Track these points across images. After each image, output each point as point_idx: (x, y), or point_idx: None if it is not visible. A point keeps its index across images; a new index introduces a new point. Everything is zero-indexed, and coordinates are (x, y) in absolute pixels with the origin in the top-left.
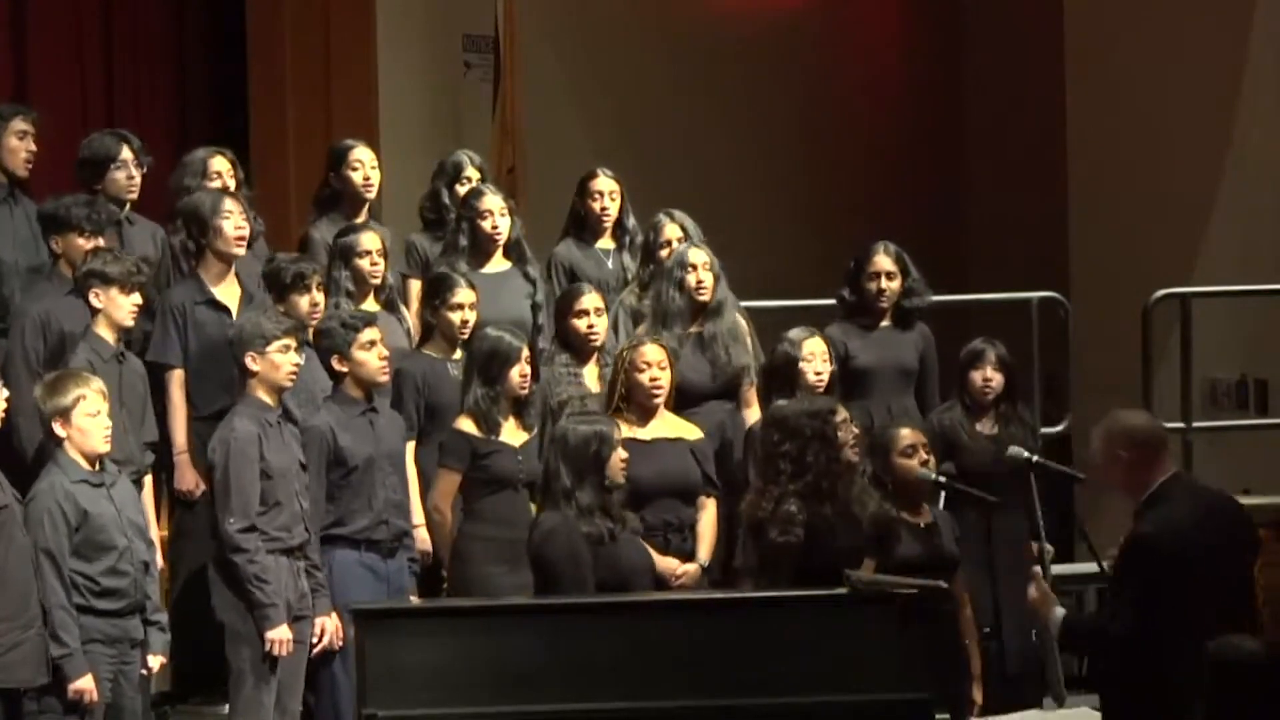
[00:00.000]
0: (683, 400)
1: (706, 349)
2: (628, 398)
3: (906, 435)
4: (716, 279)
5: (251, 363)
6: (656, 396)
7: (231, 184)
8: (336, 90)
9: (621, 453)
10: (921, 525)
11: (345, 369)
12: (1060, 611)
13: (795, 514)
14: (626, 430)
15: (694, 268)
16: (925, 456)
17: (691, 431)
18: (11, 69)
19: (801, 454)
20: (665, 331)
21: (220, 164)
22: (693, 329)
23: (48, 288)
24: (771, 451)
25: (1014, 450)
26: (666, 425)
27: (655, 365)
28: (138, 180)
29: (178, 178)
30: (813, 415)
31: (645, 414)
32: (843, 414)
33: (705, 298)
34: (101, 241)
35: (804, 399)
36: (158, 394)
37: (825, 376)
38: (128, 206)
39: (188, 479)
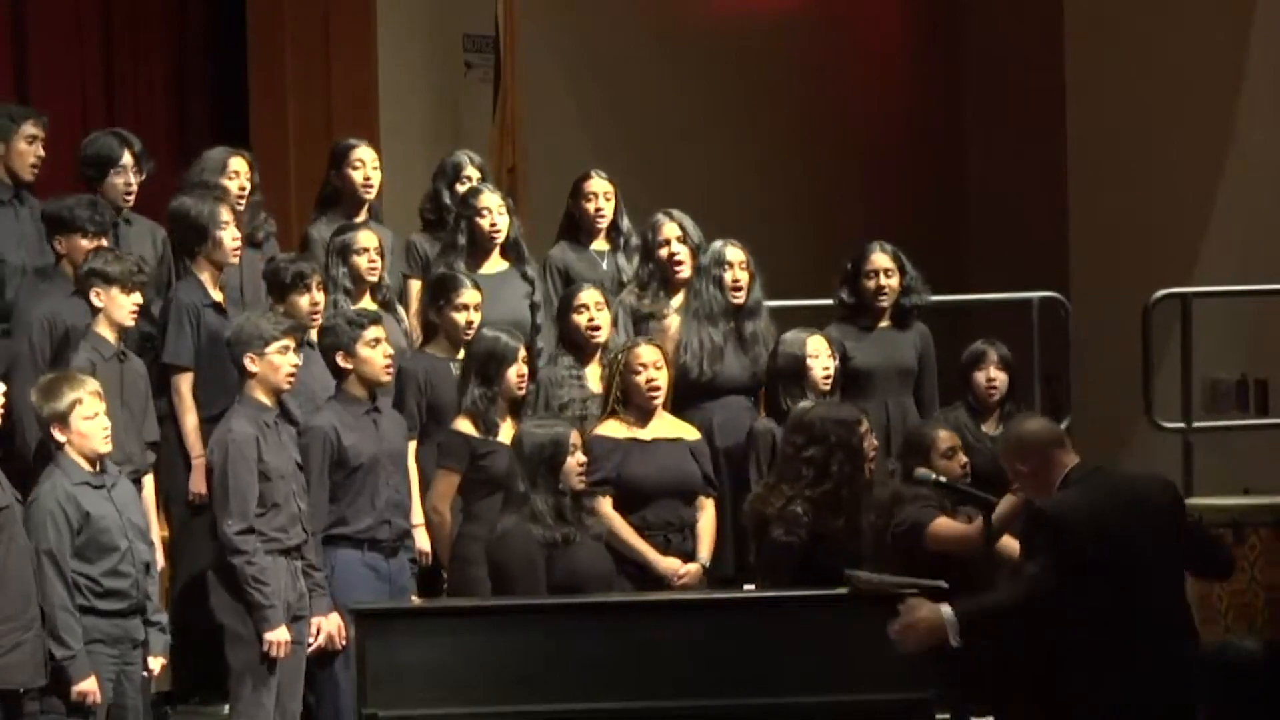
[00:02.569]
0: (715, 392)
1: (748, 349)
2: (625, 399)
3: (946, 437)
4: (752, 278)
5: (250, 364)
6: (655, 397)
7: (248, 185)
8: (336, 90)
9: (580, 457)
10: (968, 520)
11: (349, 366)
12: (947, 609)
13: (800, 515)
14: (626, 431)
15: (730, 266)
16: (964, 460)
17: (689, 432)
18: (11, 69)
19: (826, 461)
20: (711, 327)
21: (239, 164)
22: (728, 326)
23: (51, 288)
24: (793, 454)
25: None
26: (665, 425)
27: (651, 365)
28: (135, 187)
29: (194, 174)
30: (840, 423)
31: (644, 414)
32: (865, 424)
33: (740, 298)
34: (105, 242)
35: (830, 405)
36: (166, 394)
37: (831, 372)
38: (124, 208)
39: (205, 482)
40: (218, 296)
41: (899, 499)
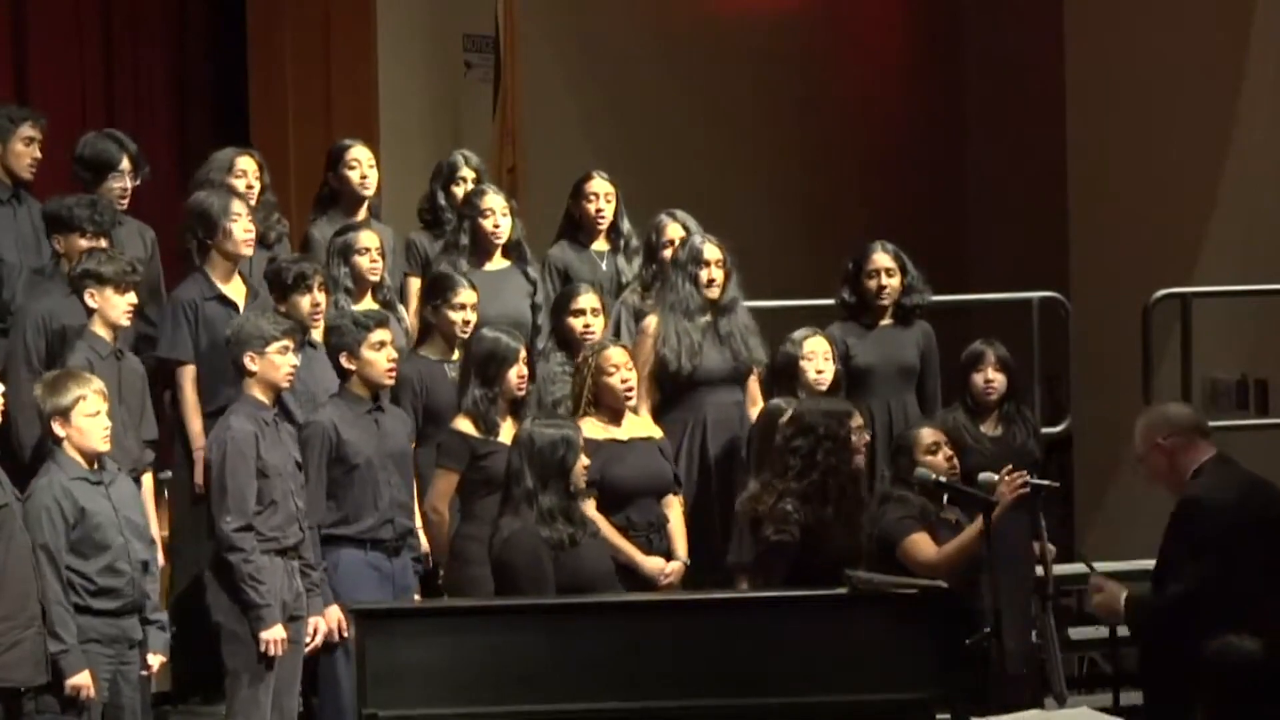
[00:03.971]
0: (699, 385)
1: (725, 344)
2: (596, 401)
3: (928, 434)
4: (728, 275)
5: (250, 362)
6: (629, 398)
7: (256, 185)
8: (336, 90)
9: (584, 459)
10: (953, 521)
11: (353, 367)
12: (1124, 593)
13: (791, 513)
14: (602, 432)
15: (707, 264)
16: (949, 453)
17: (655, 430)
18: (11, 69)
19: (812, 453)
20: (687, 323)
21: (246, 164)
22: (705, 320)
23: (50, 287)
24: (783, 447)
25: (985, 476)
26: (635, 425)
27: (624, 367)
28: (129, 192)
29: (203, 174)
30: (828, 415)
31: (616, 415)
32: (858, 420)
33: (715, 294)
34: (103, 242)
35: (821, 399)
36: (167, 390)
37: (827, 375)
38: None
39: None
40: (228, 291)
41: (885, 499)
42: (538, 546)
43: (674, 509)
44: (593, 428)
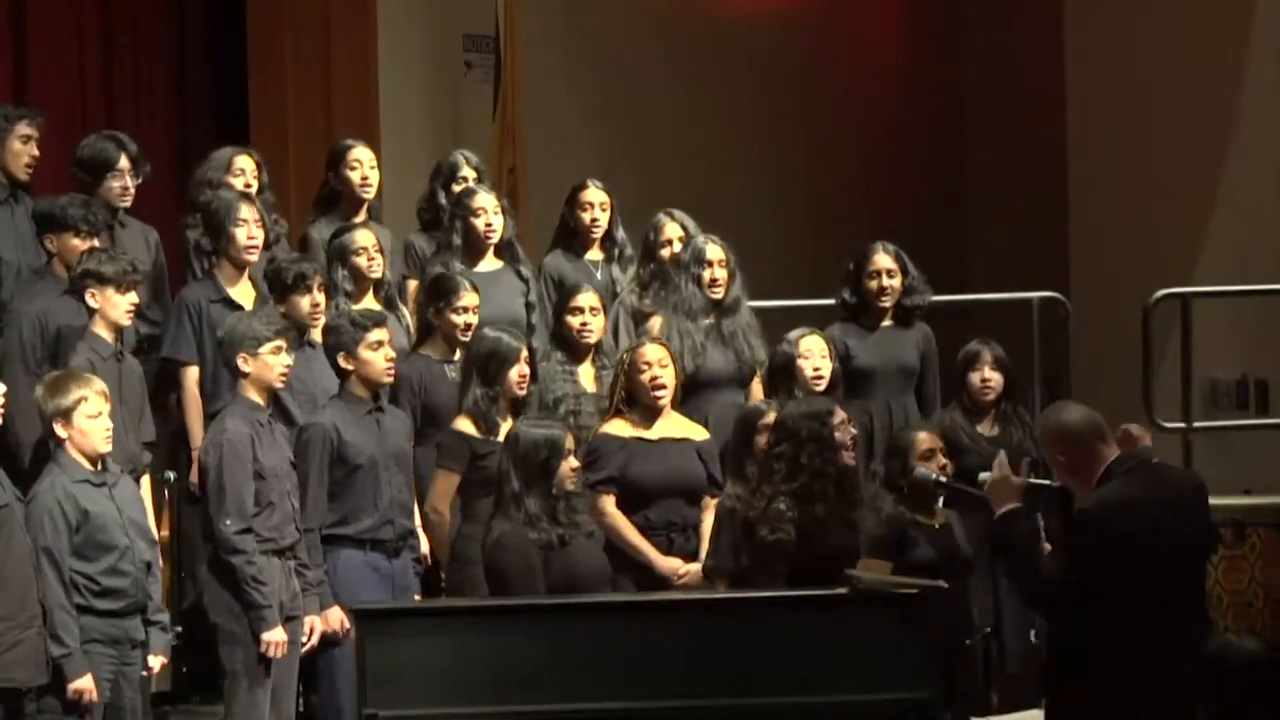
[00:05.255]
0: (702, 387)
1: (729, 344)
2: (630, 399)
3: (924, 439)
4: (731, 275)
5: (243, 363)
6: (660, 396)
7: (254, 184)
8: (336, 90)
9: (573, 461)
10: (936, 526)
11: (351, 367)
12: (1011, 505)
13: (785, 512)
14: (632, 430)
15: (710, 264)
16: (943, 461)
17: (698, 432)
18: (11, 69)
19: (797, 455)
20: (690, 324)
21: (245, 163)
22: (708, 321)
23: (43, 287)
24: (768, 452)
25: (985, 476)
26: (673, 425)
27: (656, 364)
28: (131, 191)
29: (201, 173)
30: (810, 417)
31: (650, 414)
32: (841, 415)
33: (719, 294)
34: (97, 242)
35: (803, 401)
36: (171, 390)
37: (824, 373)
38: (119, 211)
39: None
40: (236, 294)
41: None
42: (526, 548)
43: (709, 511)
44: (621, 426)
